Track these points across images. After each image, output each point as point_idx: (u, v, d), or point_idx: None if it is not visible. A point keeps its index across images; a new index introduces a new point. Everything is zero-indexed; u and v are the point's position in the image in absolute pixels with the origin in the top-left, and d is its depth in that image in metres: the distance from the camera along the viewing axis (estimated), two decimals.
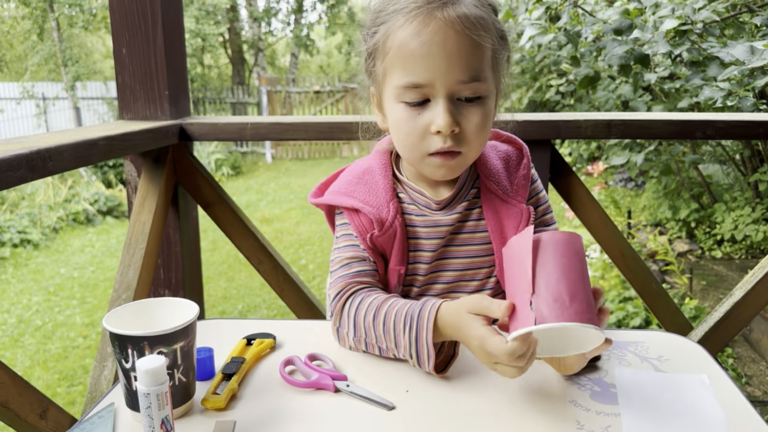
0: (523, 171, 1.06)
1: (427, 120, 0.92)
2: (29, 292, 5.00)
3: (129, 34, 1.77)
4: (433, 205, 1.03)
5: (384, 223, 1.00)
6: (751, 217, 4.71)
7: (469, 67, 0.90)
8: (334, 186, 1.08)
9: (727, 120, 1.74)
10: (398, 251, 1.01)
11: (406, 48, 0.90)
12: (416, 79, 0.90)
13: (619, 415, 0.78)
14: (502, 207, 1.02)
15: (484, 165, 1.05)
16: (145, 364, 0.68)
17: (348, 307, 0.96)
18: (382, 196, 1.02)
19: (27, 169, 1.18)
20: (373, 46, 0.97)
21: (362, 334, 0.94)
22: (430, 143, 0.93)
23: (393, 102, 0.95)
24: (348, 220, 1.03)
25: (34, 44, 12.28)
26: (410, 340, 0.87)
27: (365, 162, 1.08)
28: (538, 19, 2.86)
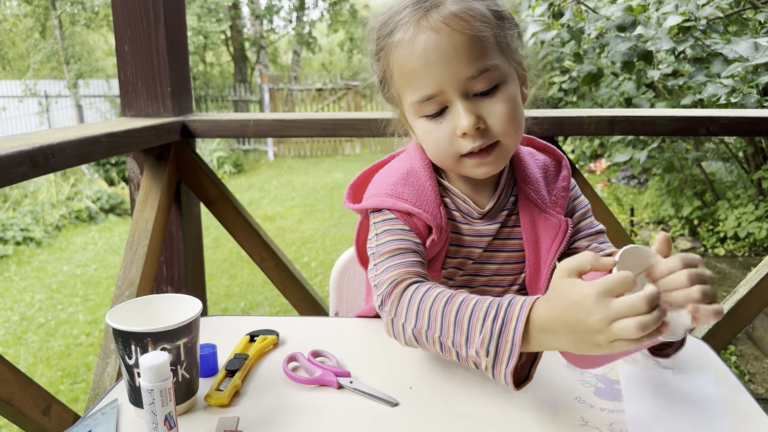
0: (562, 183, 1.03)
1: (450, 126, 0.90)
2: (32, 290, 5.01)
3: (131, 30, 1.77)
4: (476, 213, 1.00)
5: (441, 229, 0.95)
6: (755, 215, 4.70)
7: (472, 60, 0.87)
8: (377, 187, 1.00)
9: (731, 116, 1.73)
10: (441, 257, 0.98)
11: (406, 66, 0.90)
12: (426, 92, 0.89)
13: (624, 412, 0.78)
14: (540, 217, 1.00)
15: (523, 171, 1.02)
16: (148, 360, 0.68)
17: (410, 295, 0.84)
18: (432, 200, 0.97)
19: (29, 165, 1.18)
20: (382, 75, 0.97)
21: (424, 325, 0.80)
22: (460, 146, 0.91)
23: (414, 119, 0.94)
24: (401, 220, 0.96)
25: (36, 42, 12.28)
26: (492, 332, 0.72)
27: (406, 162, 1.02)
28: (541, 15, 2.86)
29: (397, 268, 0.89)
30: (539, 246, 1.00)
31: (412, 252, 0.92)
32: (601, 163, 5.40)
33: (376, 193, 0.98)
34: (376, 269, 0.92)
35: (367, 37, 0.99)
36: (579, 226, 1.06)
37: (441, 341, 0.79)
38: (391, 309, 0.85)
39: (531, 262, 1.01)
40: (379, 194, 0.98)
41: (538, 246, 1.00)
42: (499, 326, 0.72)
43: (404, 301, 0.84)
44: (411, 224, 0.95)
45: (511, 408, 0.79)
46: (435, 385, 0.85)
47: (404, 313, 0.83)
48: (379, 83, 0.99)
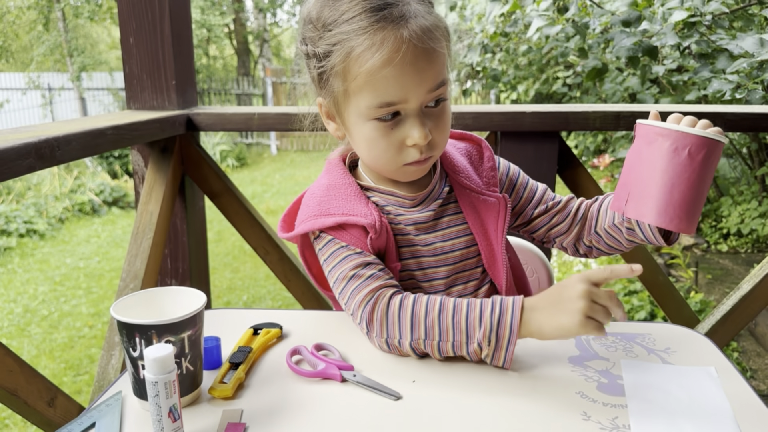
0: (488, 164, 1.09)
1: (401, 135, 0.93)
2: (35, 282, 5.02)
3: (136, 23, 1.77)
4: (407, 202, 1.04)
5: (376, 226, 0.97)
6: (758, 211, 4.69)
7: (436, 76, 0.92)
8: (303, 212, 1.02)
9: (737, 112, 1.73)
10: (392, 248, 1.01)
11: (379, 72, 0.89)
12: (390, 98, 0.91)
13: (626, 407, 0.78)
14: (478, 201, 1.05)
15: (450, 162, 1.08)
16: (153, 352, 0.69)
17: (396, 311, 0.89)
18: (358, 202, 0.99)
19: (35, 158, 1.18)
20: (328, 66, 0.93)
21: (422, 335, 0.87)
22: (406, 155, 0.95)
23: (361, 120, 0.94)
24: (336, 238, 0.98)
25: (39, 34, 12.28)
26: (491, 322, 0.84)
27: (323, 180, 1.05)
28: (546, 10, 2.84)
29: (361, 290, 0.92)
30: (486, 228, 1.05)
31: (367, 265, 0.95)
32: (604, 158, 5.39)
33: (304, 218, 1.01)
34: (343, 297, 0.96)
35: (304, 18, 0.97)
36: (525, 196, 1.12)
37: (440, 346, 0.87)
38: (381, 331, 0.90)
39: (483, 245, 1.05)
40: (307, 218, 1.00)
41: (486, 228, 1.05)
42: (498, 316, 0.84)
43: (392, 319, 0.89)
44: (347, 238, 0.97)
45: (513, 402, 0.79)
46: (438, 379, 0.85)
47: (396, 330, 0.89)
48: (318, 72, 0.96)
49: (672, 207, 0.84)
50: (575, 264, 4.19)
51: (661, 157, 0.84)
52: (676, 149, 0.83)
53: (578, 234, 1.11)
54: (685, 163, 0.83)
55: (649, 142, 0.86)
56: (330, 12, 0.92)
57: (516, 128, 1.73)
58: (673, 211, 0.85)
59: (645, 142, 0.86)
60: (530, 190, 1.13)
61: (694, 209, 0.86)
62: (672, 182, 0.84)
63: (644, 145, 0.86)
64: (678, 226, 0.85)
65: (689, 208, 0.85)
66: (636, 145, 0.88)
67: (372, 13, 0.88)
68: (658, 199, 0.85)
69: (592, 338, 0.97)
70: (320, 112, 1.04)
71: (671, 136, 0.84)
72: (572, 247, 1.13)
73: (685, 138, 0.83)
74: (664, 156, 0.84)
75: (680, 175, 0.84)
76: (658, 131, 0.84)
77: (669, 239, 0.99)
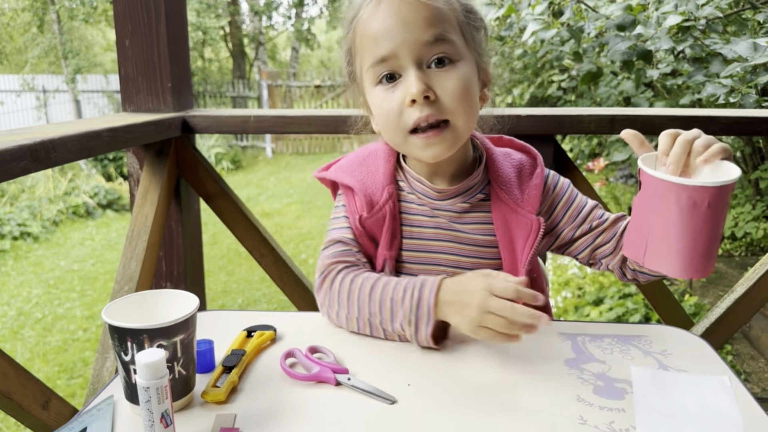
0: (535, 181, 1.04)
1: (400, 94, 0.92)
2: (29, 285, 5.00)
3: (132, 25, 1.77)
4: (433, 193, 1.03)
5: (374, 206, 1.01)
6: (752, 215, 4.70)
7: (429, 26, 0.90)
8: (340, 163, 1.10)
9: (731, 116, 1.73)
10: (387, 236, 1.02)
11: (366, 31, 0.93)
12: (380, 53, 0.91)
13: (624, 411, 0.78)
14: (512, 216, 1.02)
15: (496, 172, 1.04)
16: (144, 357, 0.68)
17: (338, 285, 0.97)
18: (380, 179, 1.04)
19: (30, 160, 1.17)
20: (348, 51, 1.00)
21: (354, 311, 0.95)
22: (408, 117, 0.92)
23: (371, 89, 0.96)
24: (344, 200, 1.06)
25: (34, 36, 12.25)
26: (411, 305, 0.90)
27: (374, 145, 1.10)
28: (541, 14, 2.85)
29: (328, 259, 1.02)
30: (514, 245, 1.02)
31: (342, 242, 1.04)
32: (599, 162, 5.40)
33: (335, 167, 1.09)
34: (320, 256, 1.05)
35: (342, 24, 1.02)
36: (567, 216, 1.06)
37: (371, 321, 0.95)
38: (324, 299, 1.00)
39: (507, 261, 1.03)
40: (336, 168, 1.08)
41: (513, 245, 1.02)
42: (416, 300, 0.89)
43: (334, 291, 0.98)
44: (352, 203, 1.03)
45: (509, 405, 0.79)
46: (433, 383, 0.85)
47: (335, 302, 0.97)
48: (345, 61, 1.02)
49: (697, 257, 0.80)
50: (570, 267, 4.19)
51: (680, 212, 0.78)
52: (695, 203, 0.77)
53: (624, 256, 1.03)
54: (706, 214, 0.78)
55: (662, 196, 0.79)
56: (349, 5, 0.98)
57: (511, 132, 1.73)
58: (699, 260, 0.80)
59: (657, 195, 0.80)
60: (575, 208, 1.07)
61: (716, 249, 0.82)
62: (695, 235, 0.79)
63: (657, 198, 0.80)
64: (704, 272, 0.82)
65: (713, 252, 0.81)
66: (646, 195, 0.81)
67: None
68: (683, 254, 0.80)
69: (588, 340, 0.97)
70: (365, 109, 1.06)
71: (685, 192, 0.77)
72: (618, 270, 1.06)
73: (703, 192, 0.77)
74: (684, 211, 0.78)
75: (702, 226, 0.78)
76: (670, 187, 0.78)
77: None
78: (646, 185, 0.81)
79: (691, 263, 0.81)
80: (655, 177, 0.79)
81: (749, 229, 4.61)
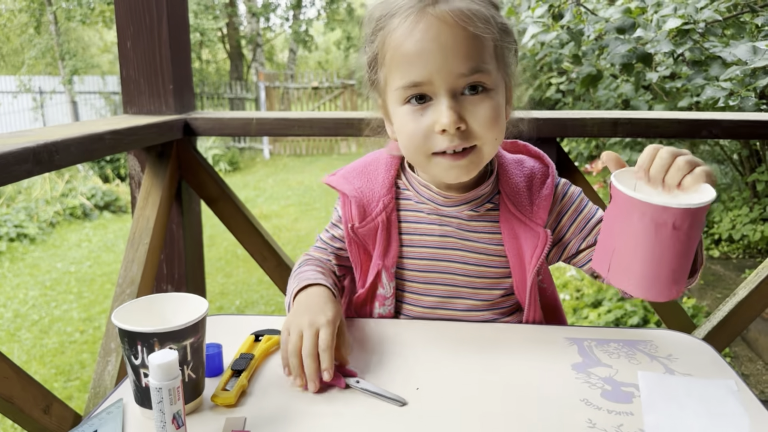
0: (545, 191, 1.03)
1: (430, 119, 0.90)
2: (26, 287, 4.98)
3: (134, 27, 1.76)
4: (440, 199, 1.02)
5: (366, 217, 1.02)
6: (749, 217, 4.72)
7: (468, 58, 0.88)
8: (345, 169, 1.11)
9: (733, 119, 1.74)
10: (381, 246, 1.02)
11: (401, 48, 0.89)
12: (414, 78, 0.89)
13: (632, 414, 0.78)
14: (520, 228, 1.01)
15: (506, 183, 1.03)
16: (157, 358, 0.68)
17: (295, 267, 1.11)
18: (377, 190, 1.04)
19: (33, 162, 1.17)
20: (373, 56, 0.96)
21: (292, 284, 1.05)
22: (434, 143, 0.90)
23: (396, 106, 0.94)
24: (341, 206, 1.08)
25: (31, 37, 12.23)
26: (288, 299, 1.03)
27: (377, 153, 1.10)
28: (541, 17, 2.86)
29: (305, 255, 1.14)
30: (522, 256, 1.02)
31: (321, 245, 1.14)
32: (597, 164, 5.41)
33: (340, 173, 1.10)
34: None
35: (365, 21, 0.99)
36: (574, 227, 1.05)
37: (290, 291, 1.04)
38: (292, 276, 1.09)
39: (516, 269, 1.03)
40: (341, 175, 1.09)
41: (522, 256, 1.02)
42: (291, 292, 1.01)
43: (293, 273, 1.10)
44: (348, 211, 1.05)
45: (517, 409, 0.79)
46: (442, 386, 0.85)
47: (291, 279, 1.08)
48: (368, 65, 0.99)
49: (661, 281, 0.78)
50: (568, 269, 4.20)
51: (644, 231, 0.76)
52: (658, 224, 0.74)
53: None
54: (672, 236, 0.75)
55: (628, 212, 0.77)
56: (381, 8, 0.94)
57: (513, 134, 1.73)
58: (663, 284, 0.78)
59: (623, 211, 0.77)
60: (582, 219, 1.05)
61: (683, 274, 0.79)
62: (658, 257, 0.76)
63: (622, 214, 0.78)
64: (667, 296, 0.79)
65: (679, 276, 0.78)
66: (614, 210, 0.80)
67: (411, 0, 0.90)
68: (645, 275, 0.78)
69: (594, 345, 0.97)
70: (382, 114, 1.04)
71: (649, 211, 0.74)
72: None
73: (665, 212, 0.74)
74: (648, 231, 0.75)
75: (666, 249, 0.76)
76: (635, 204, 0.75)
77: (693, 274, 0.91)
78: (614, 200, 0.79)
79: (654, 285, 0.79)
80: (621, 192, 0.77)
81: (746, 231, 4.63)
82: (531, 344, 0.97)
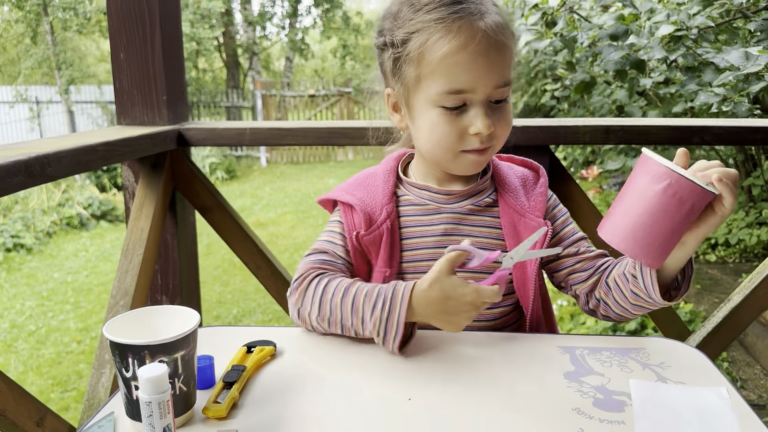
0: (540, 189, 1.12)
1: (465, 123, 0.99)
2: (22, 297, 4.97)
3: (127, 38, 1.77)
4: (441, 197, 1.08)
5: (372, 224, 1.05)
6: (745, 221, 4.73)
7: (503, 72, 0.98)
8: (340, 186, 1.15)
9: (725, 126, 1.74)
10: (385, 253, 1.05)
11: (453, 58, 0.95)
12: (460, 86, 0.96)
13: (623, 423, 0.78)
14: (520, 221, 1.08)
15: (503, 180, 1.12)
16: (147, 372, 0.68)
17: (313, 288, 1.00)
18: (379, 199, 1.08)
19: (26, 175, 1.17)
20: (404, 53, 1.00)
21: (327, 313, 0.98)
22: (466, 143, 1.00)
23: (429, 106, 1.00)
24: (342, 216, 1.10)
25: (27, 48, 12.23)
26: (381, 317, 0.93)
27: (373, 168, 1.17)
28: (534, 24, 2.87)
29: (307, 264, 1.05)
30: None
31: (327, 253, 1.08)
32: (592, 170, 5.43)
33: (337, 188, 1.14)
34: (303, 259, 1.08)
35: (389, 15, 1.03)
36: (562, 233, 1.13)
37: (342, 324, 0.98)
38: (297, 300, 1.02)
39: (517, 265, 1.06)
40: (337, 189, 1.14)
41: None
42: (386, 314, 0.93)
43: (309, 293, 1.00)
44: (350, 220, 1.08)
45: (509, 418, 0.79)
46: (433, 396, 0.85)
47: (309, 303, 1.00)
48: (394, 59, 1.02)
49: (653, 249, 0.87)
50: None
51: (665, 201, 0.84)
52: (681, 199, 0.83)
53: (593, 285, 1.09)
54: (685, 214, 0.84)
55: (656, 180, 0.85)
56: (412, 4, 0.99)
57: (506, 142, 1.74)
58: (653, 252, 0.87)
59: (652, 179, 0.85)
60: (569, 231, 1.13)
61: (669, 250, 0.88)
62: (664, 223, 0.85)
63: (649, 182, 0.85)
64: (653, 262, 0.89)
65: (666, 249, 0.87)
66: (639, 179, 0.87)
67: (451, 5, 0.97)
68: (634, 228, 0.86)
69: (587, 354, 0.97)
70: (386, 104, 1.09)
71: (682, 185, 0.83)
72: (584, 296, 1.11)
73: (696, 192, 0.83)
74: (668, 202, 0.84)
75: (678, 224, 0.85)
76: (672, 176, 0.83)
77: (671, 297, 0.98)
78: (644, 169, 0.86)
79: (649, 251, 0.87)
80: (657, 162, 0.84)
81: (743, 235, 4.64)
82: (524, 353, 0.97)
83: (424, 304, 0.92)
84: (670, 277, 0.97)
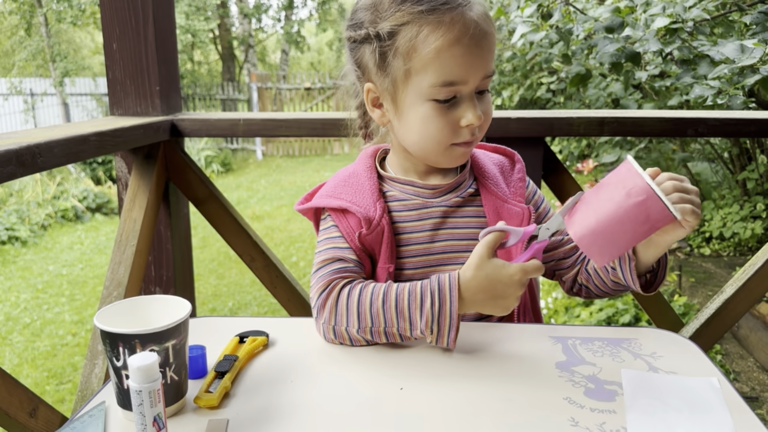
0: (518, 175, 1.12)
1: (457, 115, 0.98)
2: (17, 290, 4.96)
3: (119, 28, 1.76)
4: (426, 192, 1.07)
5: (372, 222, 1.03)
6: (739, 215, 4.74)
7: (491, 61, 0.98)
8: (321, 191, 1.11)
9: (719, 118, 1.75)
10: (387, 249, 1.03)
11: (448, 51, 0.93)
12: (453, 78, 0.95)
13: (614, 412, 0.78)
14: (503, 208, 1.07)
15: (481, 168, 1.11)
16: (137, 361, 0.68)
17: (345, 300, 0.94)
18: (369, 196, 1.06)
19: (16, 164, 1.16)
20: (390, 46, 0.96)
21: (368, 323, 0.93)
22: (459, 136, 0.99)
23: (420, 100, 0.98)
24: (335, 222, 1.05)
25: (21, 39, 12.17)
26: (432, 313, 0.90)
27: (350, 168, 1.13)
28: (530, 16, 2.86)
29: (327, 277, 0.98)
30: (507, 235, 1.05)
31: (341, 260, 1.01)
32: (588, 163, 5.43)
33: (319, 195, 1.10)
34: (313, 278, 1.02)
35: (366, 7, 1.00)
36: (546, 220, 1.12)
37: (386, 331, 0.93)
38: (330, 318, 0.95)
39: (502, 250, 1.05)
40: (320, 196, 1.10)
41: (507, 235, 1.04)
42: (437, 309, 0.90)
43: (341, 305, 0.94)
44: (346, 224, 1.04)
45: (500, 408, 0.79)
46: (424, 386, 0.85)
47: (344, 318, 0.94)
48: (379, 53, 0.98)
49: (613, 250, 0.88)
50: None
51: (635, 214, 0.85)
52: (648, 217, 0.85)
53: (576, 273, 1.13)
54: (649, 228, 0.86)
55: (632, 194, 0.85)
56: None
57: (501, 134, 1.73)
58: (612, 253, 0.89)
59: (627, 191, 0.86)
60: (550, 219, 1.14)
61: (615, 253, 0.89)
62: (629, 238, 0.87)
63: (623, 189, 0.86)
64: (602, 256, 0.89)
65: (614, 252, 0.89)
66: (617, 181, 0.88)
67: None
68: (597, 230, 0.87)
69: (578, 343, 0.97)
70: (366, 99, 1.06)
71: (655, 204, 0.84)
72: (569, 282, 1.15)
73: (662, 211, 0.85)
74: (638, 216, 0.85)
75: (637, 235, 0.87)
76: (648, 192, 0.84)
77: (649, 288, 1.02)
78: (623, 176, 0.87)
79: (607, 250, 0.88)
80: (640, 175, 0.85)
81: (737, 229, 4.65)
82: (515, 343, 0.97)
83: (473, 291, 0.90)
84: (646, 268, 1.00)
